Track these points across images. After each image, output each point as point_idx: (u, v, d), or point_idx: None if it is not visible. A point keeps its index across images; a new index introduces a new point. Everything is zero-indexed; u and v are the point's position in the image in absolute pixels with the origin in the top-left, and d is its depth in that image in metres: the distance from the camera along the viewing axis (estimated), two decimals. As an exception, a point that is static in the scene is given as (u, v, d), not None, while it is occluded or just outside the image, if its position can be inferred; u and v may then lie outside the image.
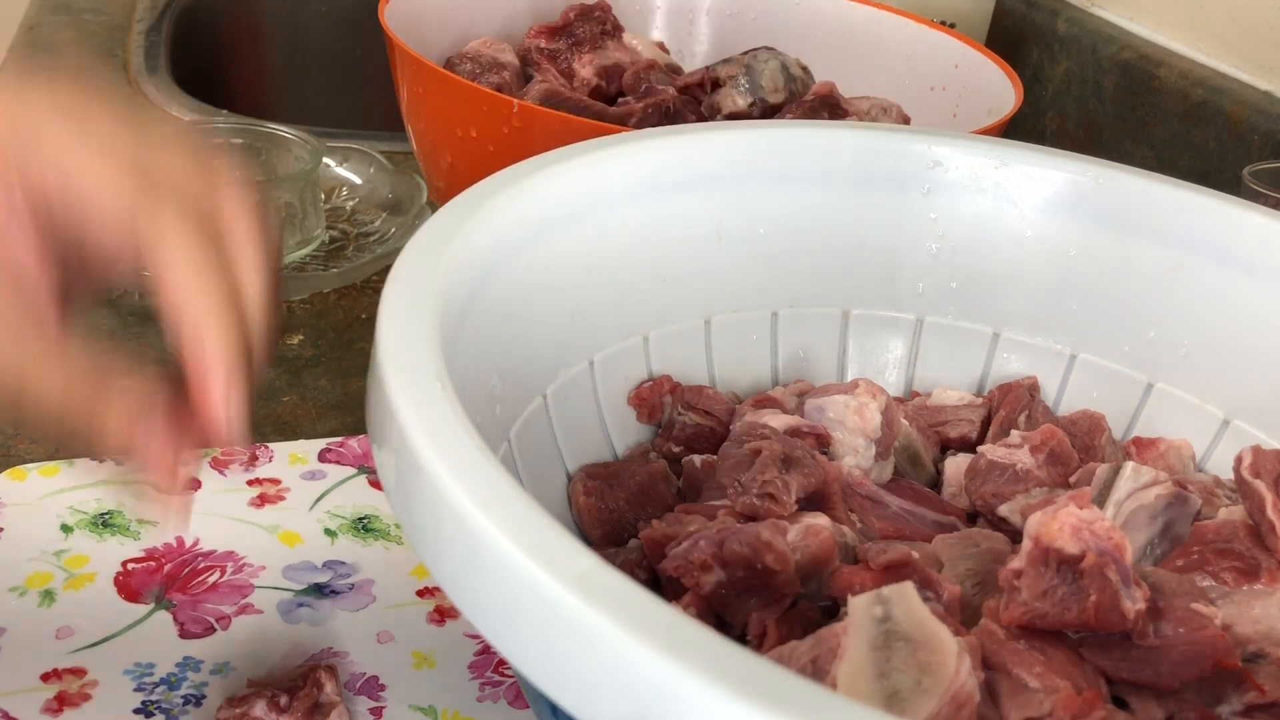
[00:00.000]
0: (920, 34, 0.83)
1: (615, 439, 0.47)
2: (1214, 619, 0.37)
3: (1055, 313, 0.52)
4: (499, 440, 0.39)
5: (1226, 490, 0.45)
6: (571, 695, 0.25)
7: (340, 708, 0.44)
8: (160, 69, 1.01)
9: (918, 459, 0.48)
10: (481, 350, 0.38)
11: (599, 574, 0.25)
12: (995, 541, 0.42)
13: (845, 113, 0.72)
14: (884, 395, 0.47)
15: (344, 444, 0.60)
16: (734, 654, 0.23)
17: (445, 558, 0.27)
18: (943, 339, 0.53)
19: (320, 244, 0.76)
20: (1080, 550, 0.35)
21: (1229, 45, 0.91)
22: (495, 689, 0.47)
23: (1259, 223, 0.48)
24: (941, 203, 0.51)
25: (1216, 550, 0.40)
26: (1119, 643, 0.36)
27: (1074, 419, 0.49)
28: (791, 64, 0.74)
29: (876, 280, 0.52)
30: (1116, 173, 0.50)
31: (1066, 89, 1.03)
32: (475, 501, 0.26)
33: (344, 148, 0.84)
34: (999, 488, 0.45)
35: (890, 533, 0.43)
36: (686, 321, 0.49)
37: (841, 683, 0.31)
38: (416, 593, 0.51)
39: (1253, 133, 0.84)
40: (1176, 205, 0.49)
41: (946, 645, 0.31)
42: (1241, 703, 0.36)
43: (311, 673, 0.45)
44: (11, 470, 0.55)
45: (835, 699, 0.22)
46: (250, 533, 0.53)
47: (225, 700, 0.44)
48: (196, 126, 0.77)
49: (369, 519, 0.55)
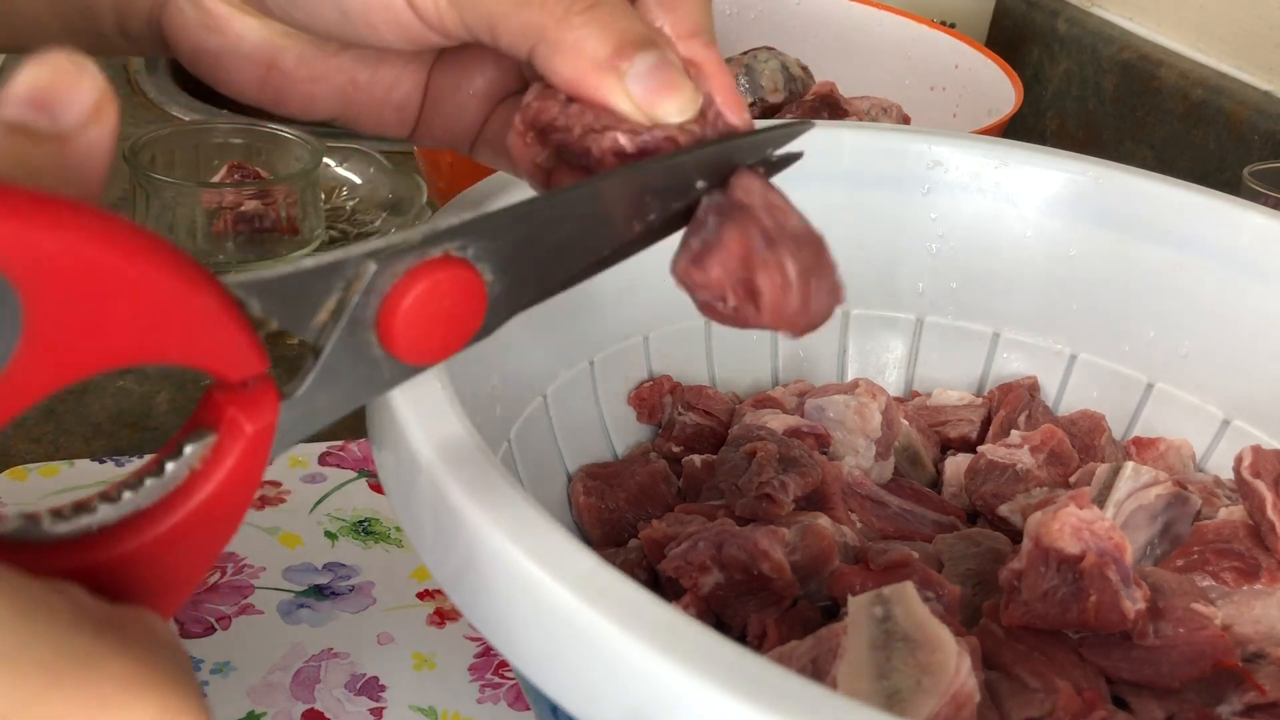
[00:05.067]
0: (920, 34, 0.83)
1: (615, 439, 0.47)
2: (1214, 619, 0.37)
3: (1055, 313, 0.52)
4: (499, 440, 0.39)
5: (1226, 490, 0.45)
6: (572, 695, 0.25)
7: None
8: (160, 69, 1.01)
9: (918, 459, 0.48)
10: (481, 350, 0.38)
11: (599, 574, 0.25)
12: (995, 541, 0.42)
13: (845, 113, 0.72)
14: (884, 395, 0.47)
15: (344, 448, 0.60)
16: (734, 654, 0.23)
17: (445, 558, 0.27)
18: (943, 339, 0.53)
19: (320, 244, 0.76)
20: (1080, 550, 0.35)
21: (1229, 45, 0.91)
22: (495, 690, 0.47)
23: (1259, 223, 0.48)
24: (941, 203, 0.51)
25: (1216, 550, 0.40)
26: (1119, 643, 0.36)
27: (1074, 419, 0.49)
28: (791, 64, 0.74)
29: (876, 280, 0.52)
30: (1116, 173, 0.50)
31: (1066, 89, 1.03)
32: (475, 502, 0.26)
33: (344, 148, 0.84)
34: (999, 488, 0.45)
35: (890, 533, 0.43)
36: (686, 321, 0.49)
37: (841, 683, 0.31)
38: (417, 595, 0.51)
39: (1253, 133, 0.84)
40: (1176, 205, 0.49)
41: (946, 645, 0.31)
42: (1241, 703, 0.36)
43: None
44: (11, 470, 0.55)
45: (835, 699, 0.22)
46: (250, 534, 0.53)
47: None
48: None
49: (369, 522, 0.55)
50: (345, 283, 0.25)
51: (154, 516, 0.22)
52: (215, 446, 0.23)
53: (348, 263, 0.25)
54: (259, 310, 0.23)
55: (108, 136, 0.22)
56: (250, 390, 0.23)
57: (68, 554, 0.21)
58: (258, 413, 0.23)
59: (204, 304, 0.21)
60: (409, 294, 0.25)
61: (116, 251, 0.19)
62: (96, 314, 0.20)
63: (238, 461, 0.23)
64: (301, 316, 0.25)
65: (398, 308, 0.25)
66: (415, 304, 0.25)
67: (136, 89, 0.98)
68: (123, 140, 0.72)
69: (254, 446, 0.23)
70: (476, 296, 0.27)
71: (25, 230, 0.18)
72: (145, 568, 0.22)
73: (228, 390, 0.23)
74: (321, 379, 0.25)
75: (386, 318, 0.25)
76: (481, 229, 0.26)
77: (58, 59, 0.22)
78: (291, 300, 0.24)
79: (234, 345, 0.22)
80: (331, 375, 0.25)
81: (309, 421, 0.26)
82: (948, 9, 1.00)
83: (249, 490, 0.24)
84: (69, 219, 0.19)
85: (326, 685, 0.46)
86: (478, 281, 0.27)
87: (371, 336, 0.26)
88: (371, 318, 0.25)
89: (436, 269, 0.26)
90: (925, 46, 0.82)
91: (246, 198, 0.70)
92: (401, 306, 0.25)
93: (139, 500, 0.22)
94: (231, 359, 0.22)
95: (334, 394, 0.26)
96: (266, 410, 0.23)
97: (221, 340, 0.22)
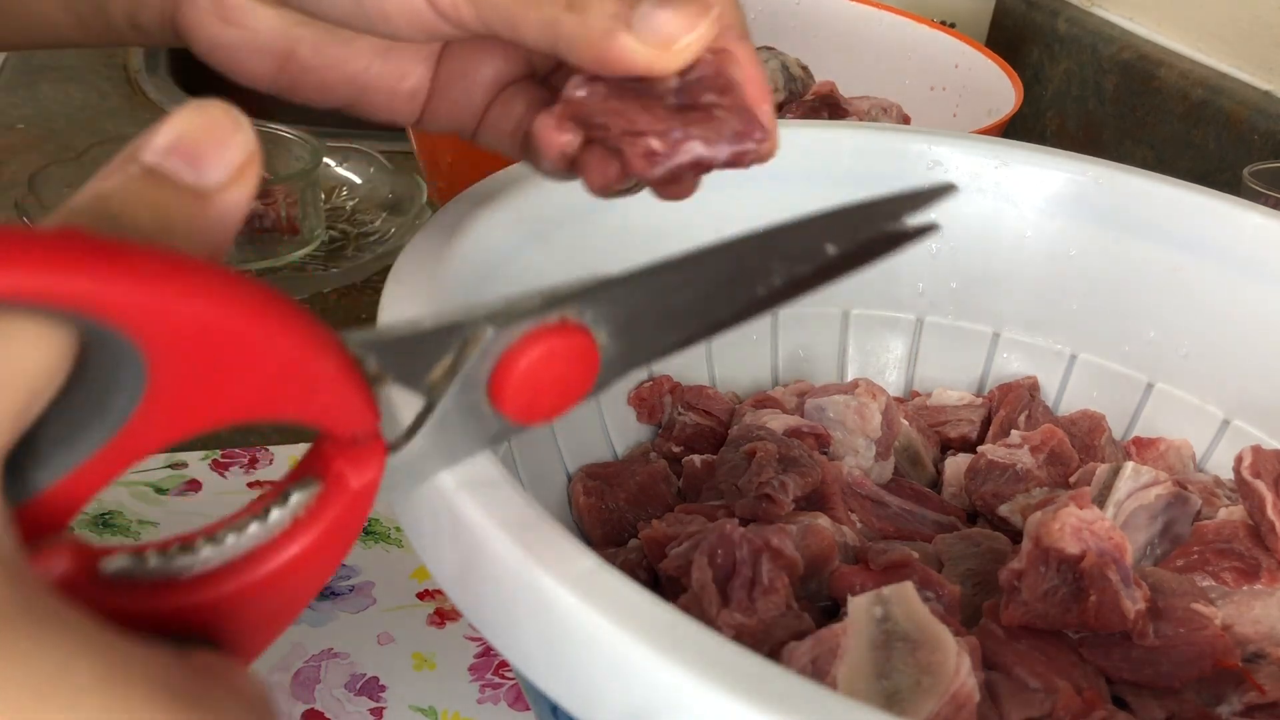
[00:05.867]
0: (920, 34, 0.83)
1: (615, 439, 0.47)
2: (1214, 619, 0.37)
3: (1055, 313, 0.52)
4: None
5: (1226, 490, 0.45)
6: (572, 695, 0.25)
7: None
8: (160, 69, 1.01)
9: (918, 459, 0.48)
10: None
11: (599, 574, 0.25)
12: (995, 541, 0.42)
13: (845, 113, 0.72)
14: (884, 395, 0.47)
15: (344, 444, 0.60)
16: (734, 654, 0.23)
17: (446, 558, 0.27)
18: (943, 339, 0.53)
19: (320, 244, 0.76)
20: (1080, 550, 0.35)
21: (1229, 45, 0.91)
22: (495, 691, 0.47)
23: (1259, 223, 0.48)
24: (941, 203, 0.51)
25: (1216, 550, 0.40)
26: (1119, 643, 0.36)
27: (1074, 419, 0.49)
28: (791, 64, 0.74)
29: (876, 280, 0.52)
30: (1116, 173, 0.50)
31: (1066, 89, 1.03)
32: (475, 501, 0.26)
33: (344, 148, 0.84)
34: (999, 488, 0.45)
35: (890, 533, 0.43)
36: (686, 322, 0.49)
37: (841, 683, 0.31)
38: (417, 595, 0.51)
39: (1253, 133, 0.84)
40: (1176, 205, 0.49)
41: (946, 645, 0.31)
42: (1241, 703, 0.36)
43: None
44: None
45: (835, 699, 0.22)
46: (250, 533, 0.53)
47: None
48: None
49: (369, 522, 0.55)
50: (462, 343, 0.25)
51: (253, 561, 0.22)
52: (320, 497, 0.23)
53: (467, 325, 0.25)
54: (375, 367, 0.23)
55: (246, 198, 0.21)
56: (360, 444, 0.23)
57: (167, 593, 0.21)
58: (365, 468, 0.23)
59: (324, 366, 0.21)
60: (524, 358, 0.25)
61: (243, 316, 0.19)
62: (218, 376, 0.20)
63: (340, 514, 0.23)
64: (416, 374, 0.25)
65: (511, 371, 0.25)
66: (530, 368, 0.25)
67: (136, 89, 0.98)
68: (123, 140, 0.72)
69: (358, 500, 0.23)
70: (590, 361, 0.27)
71: (155, 296, 0.18)
72: (237, 611, 0.22)
73: (337, 442, 0.23)
74: (432, 435, 0.25)
75: (499, 380, 0.25)
76: (601, 294, 0.26)
77: (214, 110, 0.21)
78: (407, 358, 0.24)
79: (349, 403, 0.22)
80: (443, 431, 0.25)
81: (412, 475, 0.26)
82: (948, 9, 1.00)
83: (347, 542, 0.24)
84: (198, 284, 0.19)
85: (326, 685, 0.46)
86: (592, 346, 0.26)
87: (483, 396, 0.25)
88: (485, 379, 0.25)
89: (553, 335, 0.26)
90: (925, 46, 0.82)
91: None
92: (515, 370, 0.25)
93: (241, 544, 0.22)
94: (345, 416, 0.22)
95: (440, 448, 0.26)
96: (373, 465, 0.24)
97: (338, 399, 0.22)
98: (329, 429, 0.23)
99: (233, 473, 0.57)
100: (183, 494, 0.55)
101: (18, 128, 0.90)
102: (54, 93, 0.97)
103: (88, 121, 0.92)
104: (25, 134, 0.89)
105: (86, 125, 0.92)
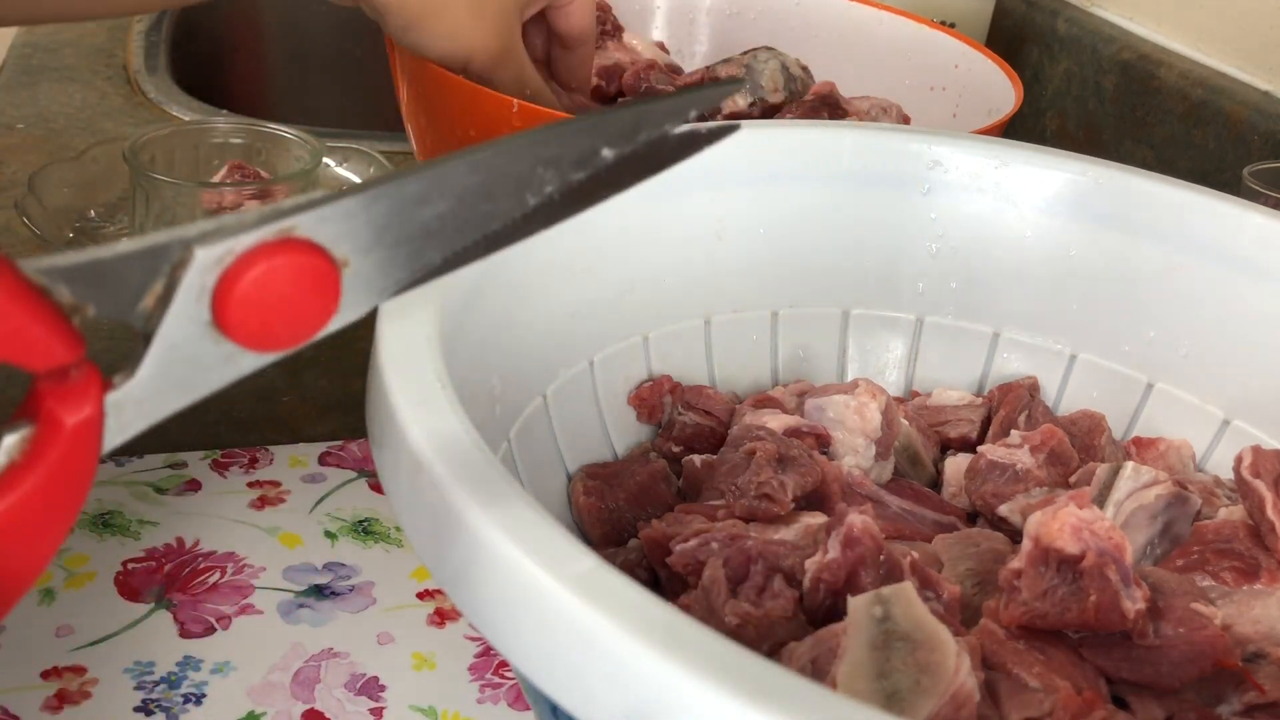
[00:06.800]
0: (920, 34, 0.83)
1: (615, 439, 0.47)
2: (1214, 619, 0.37)
3: (1055, 313, 0.52)
4: (499, 440, 0.39)
5: (1226, 490, 0.45)
6: (572, 695, 0.25)
7: None
8: (160, 69, 1.01)
9: (918, 459, 0.48)
10: (481, 350, 0.38)
11: (599, 574, 0.25)
12: (995, 541, 0.42)
13: (845, 113, 0.72)
14: (884, 395, 0.47)
15: (344, 448, 0.60)
16: (734, 654, 0.23)
17: (445, 558, 0.27)
18: (943, 339, 0.53)
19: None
20: (1080, 550, 0.35)
21: (1229, 45, 0.91)
22: (495, 690, 0.47)
23: (1259, 223, 0.48)
24: (941, 203, 0.51)
25: (1216, 550, 0.40)
26: (1119, 643, 0.36)
27: (1074, 419, 0.49)
28: (791, 64, 0.73)
29: (876, 280, 0.52)
30: (1116, 173, 0.50)
31: (1066, 89, 1.03)
32: (475, 501, 0.26)
33: (344, 148, 0.84)
34: (999, 488, 0.45)
35: (890, 533, 0.43)
36: (686, 321, 0.49)
37: (841, 683, 0.31)
38: (417, 595, 0.51)
39: (1253, 133, 0.84)
40: (1176, 205, 0.49)
41: (946, 645, 0.31)
42: (1241, 703, 0.36)
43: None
44: None
45: (835, 699, 0.22)
46: (250, 534, 0.53)
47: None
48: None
49: (369, 522, 0.55)
50: (170, 267, 0.23)
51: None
52: (34, 439, 0.22)
53: (171, 245, 0.23)
54: (69, 296, 0.22)
55: None
56: (72, 380, 0.22)
57: None
58: (77, 404, 0.22)
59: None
60: (243, 279, 0.24)
61: None
62: None
63: (61, 455, 0.22)
64: (122, 302, 0.23)
65: (231, 294, 0.24)
66: (252, 289, 0.24)
67: (136, 89, 0.98)
68: (123, 140, 0.72)
69: (77, 438, 0.22)
70: (328, 280, 0.25)
71: None
72: None
73: (49, 381, 0.22)
74: (157, 367, 0.24)
75: (221, 304, 0.24)
76: (328, 207, 0.25)
77: None
78: (108, 285, 0.23)
79: (34, 334, 0.21)
80: (169, 363, 0.24)
81: (153, 409, 0.24)
82: (948, 9, 1.00)
83: (79, 484, 0.23)
84: None
85: (326, 685, 0.46)
86: (328, 264, 0.25)
87: (207, 323, 0.24)
88: (205, 304, 0.24)
89: (275, 251, 0.24)
90: (925, 46, 0.82)
91: (246, 198, 0.70)
92: (235, 293, 0.24)
93: None
94: (33, 349, 0.21)
95: (176, 382, 0.25)
96: (88, 401, 0.22)
97: (18, 328, 0.21)
98: (23, 363, 0.21)
99: (233, 473, 0.57)
100: (182, 494, 0.55)
101: (18, 128, 0.90)
102: (54, 93, 0.97)
103: (88, 121, 0.92)
104: (25, 134, 0.89)
105: (86, 125, 0.92)
